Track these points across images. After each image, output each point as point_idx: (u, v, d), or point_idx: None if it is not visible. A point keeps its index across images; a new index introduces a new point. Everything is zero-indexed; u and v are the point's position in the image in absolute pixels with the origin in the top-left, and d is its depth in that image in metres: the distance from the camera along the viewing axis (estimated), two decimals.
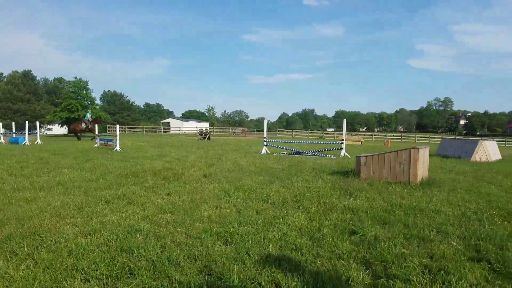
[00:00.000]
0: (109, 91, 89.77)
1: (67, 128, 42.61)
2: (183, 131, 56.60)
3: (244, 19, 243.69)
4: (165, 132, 57.68)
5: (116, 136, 16.27)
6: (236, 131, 60.91)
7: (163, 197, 5.89)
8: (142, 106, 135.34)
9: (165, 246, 3.58)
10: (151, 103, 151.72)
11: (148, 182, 7.28)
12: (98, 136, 18.36)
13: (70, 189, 6.48)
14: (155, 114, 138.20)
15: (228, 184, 7.07)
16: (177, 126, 63.00)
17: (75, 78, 43.72)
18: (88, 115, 25.22)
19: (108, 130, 47.93)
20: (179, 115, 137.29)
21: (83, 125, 24.45)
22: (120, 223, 4.33)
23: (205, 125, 76.16)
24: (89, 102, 44.15)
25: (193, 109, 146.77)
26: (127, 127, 55.71)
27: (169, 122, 76.12)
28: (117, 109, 79.24)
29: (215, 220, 4.51)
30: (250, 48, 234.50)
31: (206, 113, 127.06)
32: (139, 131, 54.73)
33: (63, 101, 43.06)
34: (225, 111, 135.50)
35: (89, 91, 44.05)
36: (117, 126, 17.43)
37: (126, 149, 15.99)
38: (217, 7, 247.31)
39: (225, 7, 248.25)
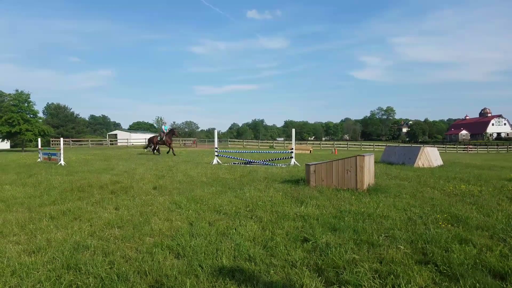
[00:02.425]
0: (52, 103, 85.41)
1: (8, 142, 40.01)
2: (132, 143, 54.86)
3: (189, 31, 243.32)
4: (112, 144, 55.51)
5: (60, 149, 15.57)
6: (187, 142, 59.98)
7: (110, 211, 5.68)
8: (87, 119, 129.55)
9: (114, 262, 3.45)
10: (97, 115, 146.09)
11: (94, 196, 7.00)
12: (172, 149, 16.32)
13: (12, 205, 6.24)
14: (101, 127, 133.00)
15: (179, 196, 6.92)
16: (125, 138, 60.74)
17: (16, 90, 41.12)
18: (163, 127, 23.59)
19: (52, 144, 45.26)
20: (127, 127, 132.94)
21: (158, 137, 23.21)
22: (66, 239, 4.17)
23: None
24: (32, 116, 41.59)
25: (141, 121, 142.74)
26: (72, 141, 52.97)
27: (116, 134, 73.02)
28: (61, 122, 75.40)
29: (166, 234, 4.39)
30: (197, 59, 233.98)
31: (155, 125, 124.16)
32: (84, 144, 52.46)
33: (3, 115, 40.30)
34: (174, 122, 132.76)
35: (31, 104, 41.54)
36: (61, 139, 16.65)
37: (71, 163, 15.34)
38: (162, 18, 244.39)
39: (170, 19, 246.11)
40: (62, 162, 15.03)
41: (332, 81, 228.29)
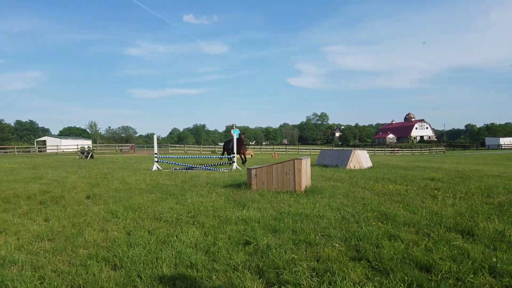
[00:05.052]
0: None
1: None
2: (62, 150, 51.41)
3: (126, 32, 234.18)
4: (40, 151, 51.57)
5: None
6: (124, 148, 57.53)
7: (40, 223, 5.29)
8: (12, 124, 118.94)
9: (45, 276, 3.23)
10: (23, 120, 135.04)
11: (21, 207, 6.47)
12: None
13: None
14: (28, 133, 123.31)
15: (115, 204, 6.63)
16: (55, 144, 56.74)
17: None
18: (233, 131, 17.90)
19: None
20: (57, 132, 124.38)
21: (230, 144, 17.32)
22: None
23: (87, 143, 70.38)
24: None
25: (72, 126, 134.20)
26: None
27: (45, 141, 67.96)
28: None
29: (102, 245, 4.18)
30: (135, 62, 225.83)
31: (88, 130, 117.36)
32: (10, 152, 48.19)
33: None
34: (109, 127, 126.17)
35: None
36: None
37: None
38: (96, 19, 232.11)
39: (104, 20, 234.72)
40: None
41: (271, 87, 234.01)
